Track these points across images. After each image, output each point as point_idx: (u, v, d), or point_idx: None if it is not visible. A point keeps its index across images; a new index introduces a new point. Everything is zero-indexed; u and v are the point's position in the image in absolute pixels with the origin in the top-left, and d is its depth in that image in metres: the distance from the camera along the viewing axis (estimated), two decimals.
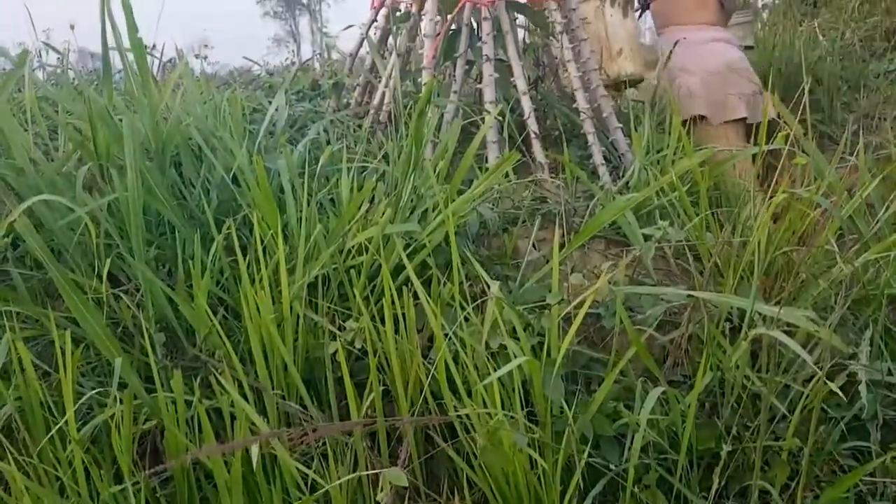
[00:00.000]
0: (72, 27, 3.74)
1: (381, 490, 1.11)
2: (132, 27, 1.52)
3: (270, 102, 2.45)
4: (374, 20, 2.65)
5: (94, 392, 1.31)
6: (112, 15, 1.75)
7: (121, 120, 1.67)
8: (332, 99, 2.72)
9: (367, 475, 1.34)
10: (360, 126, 2.50)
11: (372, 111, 2.53)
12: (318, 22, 53.21)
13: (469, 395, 1.34)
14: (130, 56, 1.82)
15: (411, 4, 2.58)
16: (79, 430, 1.27)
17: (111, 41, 1.75)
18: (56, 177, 1.67)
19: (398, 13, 2.66)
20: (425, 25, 2.38)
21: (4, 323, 1.43)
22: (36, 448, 1.25)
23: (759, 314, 1.32)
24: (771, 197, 1.74)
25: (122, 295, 1.51)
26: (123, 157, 1.69)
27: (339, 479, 1.25)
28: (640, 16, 3.39)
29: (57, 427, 1.23)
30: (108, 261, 1.45)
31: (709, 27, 3.07)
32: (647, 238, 1.56)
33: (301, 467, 1.28)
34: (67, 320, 1.53)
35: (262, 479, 1.31)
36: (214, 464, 1.25)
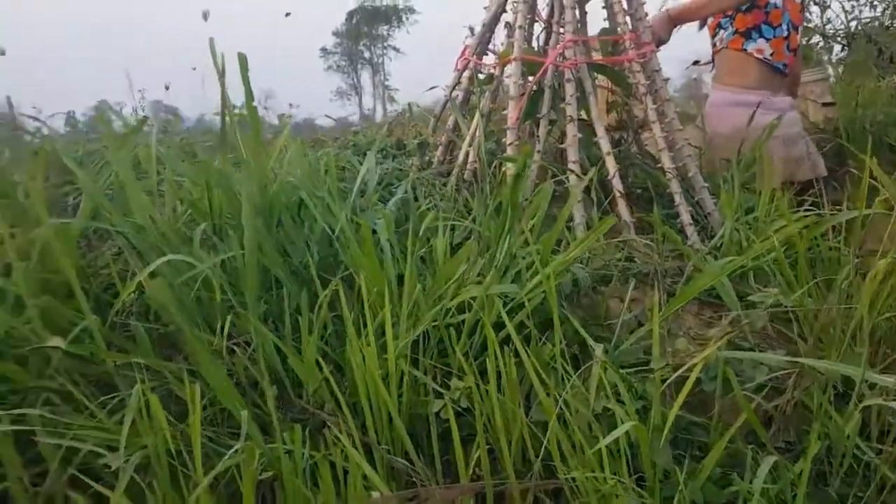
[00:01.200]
0: (167, 87, 3.97)
1: None
2: (249, 95, 1.63)
3: (360, 161, 2.56)
4: (458, 82, 2.75)
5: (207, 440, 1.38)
6: (224, 82, 1.87)
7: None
8: (416, 157, 2.81)
9: None
10: (444, 184, 2.58)
11: (456, 170, 2.61)
12: (379, 75, 54.51)
13: (574, 457, 1.37)
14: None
15: (494, 67, 2.68)
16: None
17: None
18: (171, 235, 1.77)
19: (480, 75, 2.75)
20: (510, 87, 2.46)
21: (131, 374, 1.53)
22: (162, 493, 1.32)
23: (867, 382, 1.31)
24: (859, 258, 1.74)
25: (235, 348, 1.59)
26: (234, 216, 1.79)
27: None
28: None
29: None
30: (229, 317, 1.53)
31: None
32: (751, 304, 1.57)
33: None
34: (184, 371, 1.62)
35: None
36: None
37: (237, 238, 1.67)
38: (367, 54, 55.77)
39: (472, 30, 3.97)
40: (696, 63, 3.84)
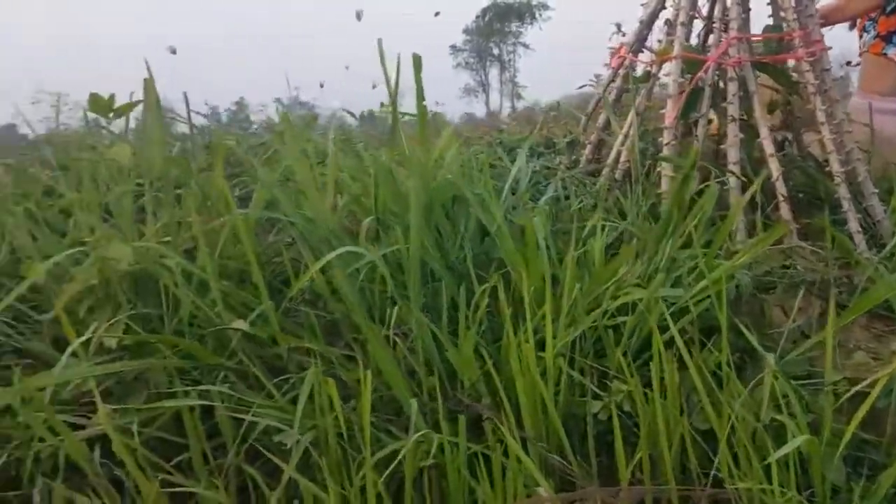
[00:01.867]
0: (321, 85, 4.15)
1: None
2: (420, 95, 1.67)
3: (510, 159, 2.58)
4: (613, 80, 2.72)
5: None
6: (392, 81, 1.94)
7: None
8: (564, 156, 2.80)
9: None
10: (593, 183, 2.56)
11: (606, 169, 2.58)
12: (508, 72, 54.53)
13: (738, 467, 1.33)
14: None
15: (651, 64, 2.62)
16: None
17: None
18: (337, 227, 1.85)
19: (634, 73, 2.70)
20: (669, 85, 2.40)
21: (300, 357, 1.62)
22: (329, 472, 1.38)
23: None
24: None
25: (397, 339, 1.65)
26: (398, 210, 1.86)
27: None
28: None
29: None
30: (395, 309, 1.58)
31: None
32: None
33: None
34: (346, 358, 1.70)
35: None
36: None
37: (401, 232, 1.73)
38: (496, 51, 55.96)
39: (619, 27, 3.90)
40: (848, 64, 3.64)
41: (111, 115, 1.66)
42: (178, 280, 1.59)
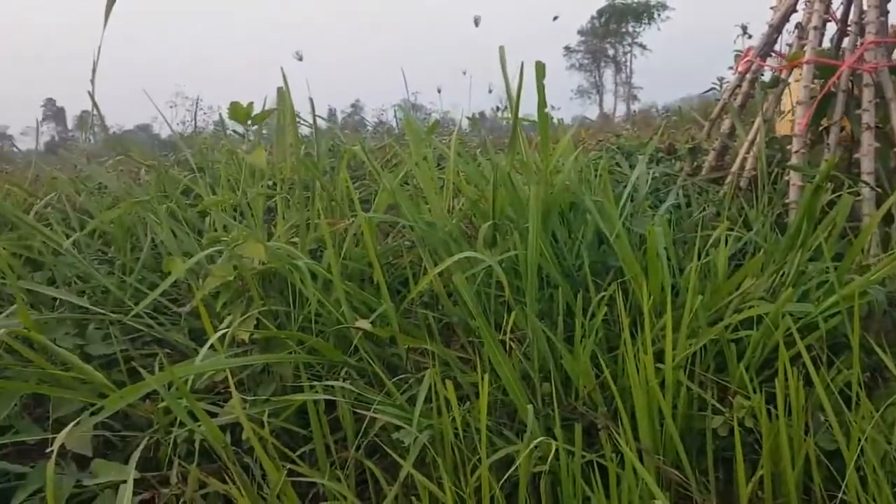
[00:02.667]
0: (439, 91, 4.22)
1: None
2: (542, 103, 1.69)
3: (630, 165, 2.55)
4: (739, 85, 2.64)
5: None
6: (514, 88, 1.96)
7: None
8: (686, 162, 2.74)
9: None
10: (716, 191, 2.49)
11: (731, 177, 2.51)
12: (623, 73, 53.49)
13: (865, 491, 1.27)
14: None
15: (780, 70, 2.53)
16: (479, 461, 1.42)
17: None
18: (455, 231, 1.89)
19: (762, 78, 2.61)
20: (800, 92, 2.31)
21: (416, 358, 1.66)
22: (445, 471, 1.42)
23: None
24: None
25: (513, 344, 1.66)
26: (515, 217, 1.87)
27: None
28: None
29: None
30: (513, 314, 1.60)
31: None
32: None
33: None
34: (461, 361, 1.73)
35: None
36: None
37: (518, 237, 1.75)
38: (611, 52, 55.00)
39: (744, 29, 3.77)
40: None
41: (249, 122, 1.75)
42: (305, 279, 1.66)
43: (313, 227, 1.89)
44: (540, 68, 1.58)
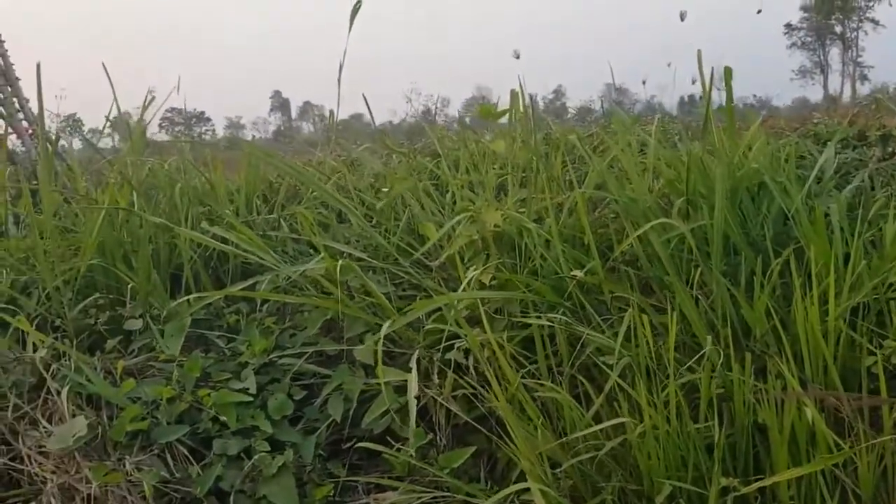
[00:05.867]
0: (643, 82, 4.53)
1: None
2: (729, 98, 2.05)
3: (819, 150, 2.80)
4: None
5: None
6: (707, 80, 2.32)
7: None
8: (877, 148, 2.91)
9: None
10: None
11: None
12: (851, 52, 49.18)
13: None
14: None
15: None
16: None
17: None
18: (653, 205, 2.30)
19: None
20: None
21: (620, 306, 2.10)
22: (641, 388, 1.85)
23: None
24: None
25: (700, 298, 2.05)
26: (706, 193, 2.24)
27: None
28: None
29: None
30: (699, 271, 1.99)
31: None
32: None
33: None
34: (655, 310, 2.14)
35: None
36: None
37: (707, 210, 2.12)
38: (838, 28, 50.72)
39: None
40: None
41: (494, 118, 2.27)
42: (533, 238, 2.15)
43: (537, 200, 2.37)
44: (728, 72, 1.95)
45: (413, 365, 1.94)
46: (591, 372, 2.04)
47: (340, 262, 2.18)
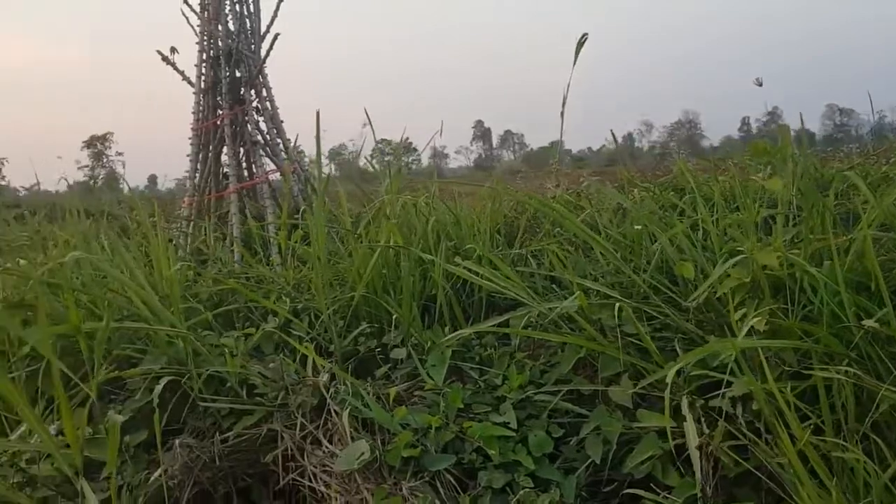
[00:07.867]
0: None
1: None
2: None
3: None
4: None
5: None
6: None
7: None
8: None
9: None
10: None
11: None
12: None
13: None
14: None
15: None
16: None
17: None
18: None
19: None
20: None
21: None
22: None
23: None
24: None
25: None
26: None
27: None
28: None
29: None
30: None
31: None
32: None
33: None
34: None
35: None
36: None
37: None
38: None
39: None
40: None
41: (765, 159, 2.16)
42: (816, 284, 2.01)
43: (812, 241, 2.21)
44: None
45: (687, 413, 1.88)
46: (880, 429, 1.86)
47: (598, 301, 2.16)
